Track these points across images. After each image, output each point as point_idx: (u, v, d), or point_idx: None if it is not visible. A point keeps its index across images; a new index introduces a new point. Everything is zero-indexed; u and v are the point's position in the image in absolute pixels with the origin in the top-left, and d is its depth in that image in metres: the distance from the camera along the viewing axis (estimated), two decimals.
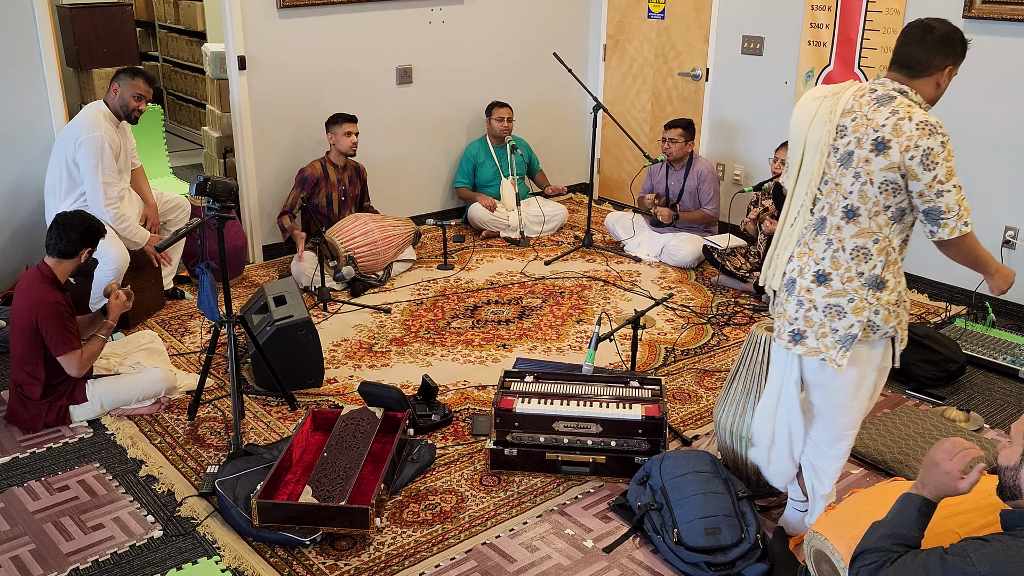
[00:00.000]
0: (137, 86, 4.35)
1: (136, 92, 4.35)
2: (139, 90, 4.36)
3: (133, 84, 4.34)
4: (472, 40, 6.12)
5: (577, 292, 5.10)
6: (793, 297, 2.69)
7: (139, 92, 4.36)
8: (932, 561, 1.97)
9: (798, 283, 2.68)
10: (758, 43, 5.68)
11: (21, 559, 2.90)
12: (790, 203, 2.74)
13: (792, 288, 2.70)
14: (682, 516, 2.89)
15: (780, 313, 2.75)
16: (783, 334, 2.73)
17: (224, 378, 4.05)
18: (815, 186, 2.66)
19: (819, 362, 2.67)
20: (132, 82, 4.34)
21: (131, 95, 4.35)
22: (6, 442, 3.57)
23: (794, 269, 2.70)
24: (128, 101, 4.36)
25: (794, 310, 2.68)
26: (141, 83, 4.37)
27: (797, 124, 2.69)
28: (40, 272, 3.55)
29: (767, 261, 2.84)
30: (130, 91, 4.34)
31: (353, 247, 5.01)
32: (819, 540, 2.50)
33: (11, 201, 4.74)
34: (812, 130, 2.64)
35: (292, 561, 2.89)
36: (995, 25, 4.60)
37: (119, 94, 4.34)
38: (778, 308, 2.77)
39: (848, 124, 2.58)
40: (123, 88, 4.34)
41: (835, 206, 2.61)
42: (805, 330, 2.67)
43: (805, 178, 2.68)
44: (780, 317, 2.75)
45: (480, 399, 3.91)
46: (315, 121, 5.46)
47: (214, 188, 3.31)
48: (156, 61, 8.90)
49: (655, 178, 5.77)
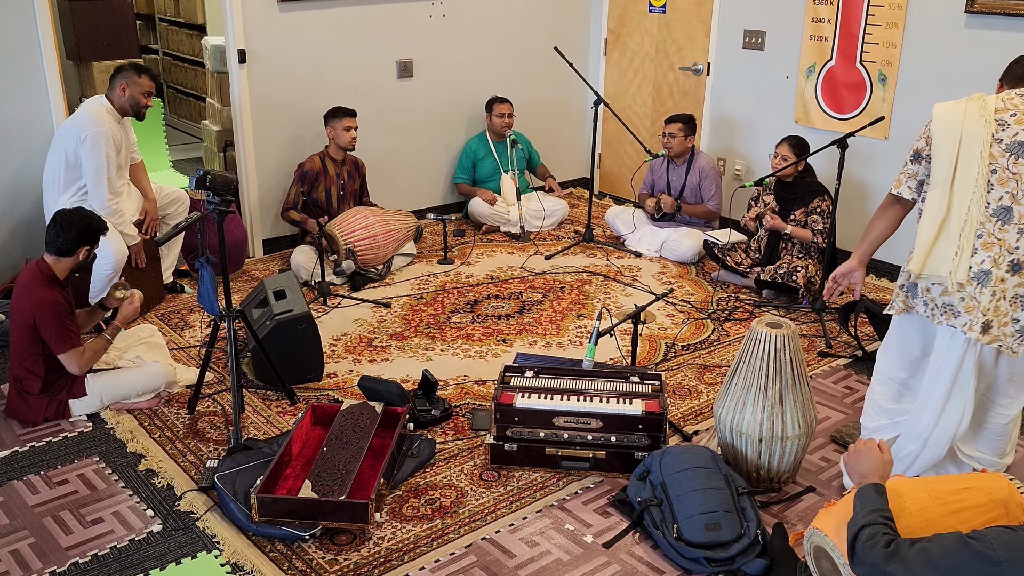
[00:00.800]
0: (145, 84, 4.38)
1: (145, 90, 4.39)
2: (147, 87, 4.39)
3: (140, 82, 4.36)
4: (473, 34, 6.11)
5: (577, 287, 5.10)
6: (987, 288, 2.74)
7: (147, 90, 4.40)
8: (950, 542, 1.98)
9: (993, 274, 2.74)
10: (759, 38, 5.67)
11: (20, 553, 2.90)
12: (950, 196, 2.76)
13: (987, 280, 2.74)
14: (682, 512, 2.89)
15: (971, 307, 2.78)
16: (975, 326, 2.77)
17: (224, 372, 4.04)
18: (984, 177, 2.74)
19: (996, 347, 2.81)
20: (139, 80, 4.36)
21: (140, 93, 4.37)
22: (6, 436, 3.57)
23: (983, 260, 2.75)
24: (138, 99, 4.39)
25: (987, 300, 2.74)
26: (147, 80, 4.39)
27: (948, 124, 2.79)
28: (39, 269, 3.54)
29: (926, 254, 2.82)
30: (139, 89, 4.37)
31: (353, 240, 5.01)
32: (819, 536, 2.50)
33: (10, 194, 4.73)
34: (967, 126, 2.77)
35: (292, 556, 2.89)
36: (997, 20, 4.59)
37: (128, 93, 4.35)
38: (966, 302, 2.79)
39: (1008, 119, 2.77)
40: (131, 87, 4.35)
41: (1018, 195, 2.71)
42: (991, 320, 2.75)
43: (969, 171, 2.75)
44: (972, 310, 2.78)
45: (480, 394, 3.91)
46: (315, 115, 5.45)
47: (214, 182, 3.30)
48: (156, 54, 8.89)
49: (656, 173, 5.76)
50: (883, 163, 5.23)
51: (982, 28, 4.67)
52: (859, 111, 5.25)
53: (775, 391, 3.07)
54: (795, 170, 4.88)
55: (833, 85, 5.34)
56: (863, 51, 5.17)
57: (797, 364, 3.09)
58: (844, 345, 4.41)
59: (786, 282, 4.74)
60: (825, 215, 4.77)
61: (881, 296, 5.02)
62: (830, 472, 3.37)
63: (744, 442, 3.15)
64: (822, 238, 4.77)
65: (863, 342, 4.36)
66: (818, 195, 4.83)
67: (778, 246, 4.99)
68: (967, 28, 4.72)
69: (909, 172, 2.94)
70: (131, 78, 4.34)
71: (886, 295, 5.05)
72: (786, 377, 3.07)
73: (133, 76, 4.34)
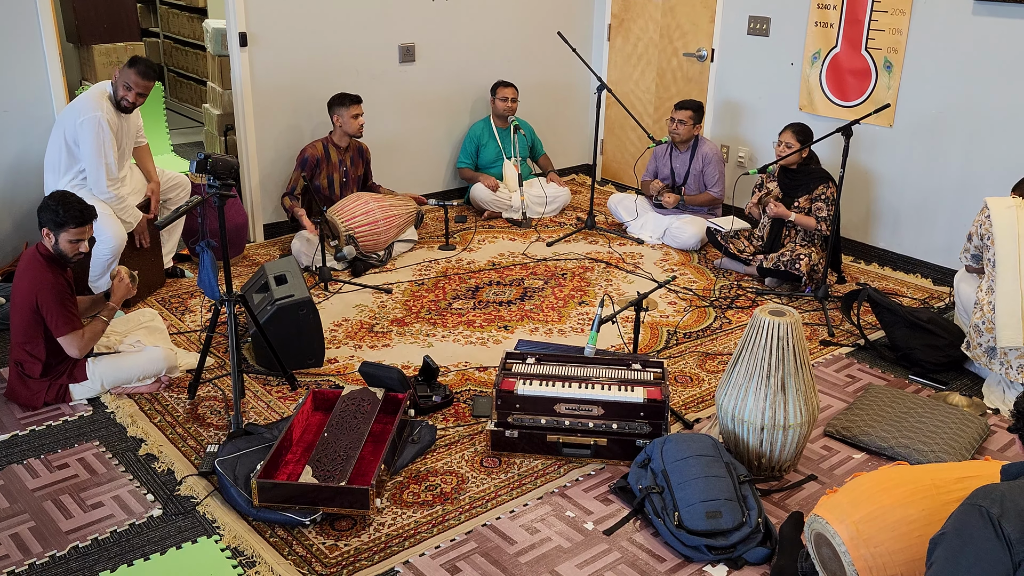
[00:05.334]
0: (132, 79, 4.26)
1: (125, 81, 4.27)
2: (128, 80, 4.27)
3: (128, 75, 4.25)
4: (476, 18, 6.07)
5: (579, 274, 5.08)
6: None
7: (128, 82, 4.27)
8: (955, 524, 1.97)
9: None
10: (764, 24, 5.63)
11: (20, 536, 2.90)
12: (1021, 282, 3.56)
13: None
14: (683, 499, 2.88)
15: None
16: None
17: (224, 357, 4.04)
18: None
19: None
20: (128, 71, 4.26)
21: (121, 83, 4.28)
22: (6, 419, 3.56)
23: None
24: (117, 89, 4.30)
25: None
26: (135, 77, 4.26)
27: (1006, 226, 3.62)
28: (39, 252, 3.53)
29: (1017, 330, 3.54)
30: (125, 79, 4.27)
31: (354, 226, 4.99)
32: (820, 523, 2.50)
33: (10, 177, 4.71)
34: (1021, 227, 3.60)
35: (292, 541, 2.88)
36: (1005, 7, 4.55)
37: (117, 81, 4.29)
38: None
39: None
40: (121, 76, 4.27)
41: None
42: None
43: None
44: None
45: (481, 380, 3.90)
46: (317, 99, 5.42)
47: (215, 166, 3.28)
48: (157, 37, 8.84)
49: (660, 160, 5.73)
50: (888, 151, 5.20)
51: (989, 15, 4.63)
52: (864, 98, 5.22)
53: (777, 379, 3.06)
54: (799, 157, 4.85)
55: (838, 72, 5.31)
56: (869, 38, 5.13)
57: (799, 352, 3.07)
58: (847, 333, 4.40)
59: (789, 270, 4.73)
60: (829, 202, 4.75)
61: (884, 285, 5.01)
62: (832, 460, 3.36)
63: (746, 430, 3.14)
64: (826, 225, 4.75)
65: (865, 330, 4.35)
66: (822, 182, 4.81)
67: (781, 234, 4.97)
68: (974, 15, 4.69)
69: (965, 246, 3.93)
70: (124, 70, 4.26)
71: (889, 284, 5.03)
72: (788, 365, 3.06)
73: (126, 68, 4.25)
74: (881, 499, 2.44)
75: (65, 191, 3.59)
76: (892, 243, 5.31)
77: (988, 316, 3.65)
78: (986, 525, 1.89)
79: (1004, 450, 3.44)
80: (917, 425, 3.45)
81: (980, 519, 1.90)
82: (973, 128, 4.81)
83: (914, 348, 4.00)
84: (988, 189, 4.76)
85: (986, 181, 4.79)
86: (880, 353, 4.17)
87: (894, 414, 3.55)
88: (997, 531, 1.86)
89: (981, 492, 1.96)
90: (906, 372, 4.03)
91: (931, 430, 3.40)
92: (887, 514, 2.40)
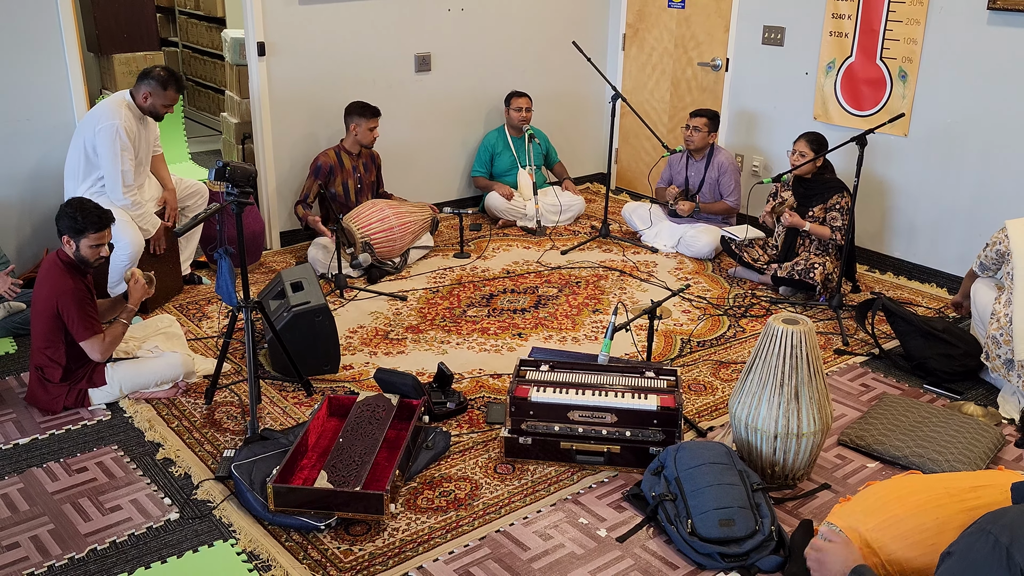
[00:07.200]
0: (169, 97, 4.41)
1: (167, 102, 4.42)
2: (171, 100, 4.43)
3: (165, 95, 4.39)
4: (491, 28, 6.11)
5: (593, 282, 5.10)
6: None
7: (170, 102, 4.43)
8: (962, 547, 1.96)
9: None
10: (779, 33, 5.64)
11: (40, 539, 2.93)
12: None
13: None
14: (696, 507, 2.89)
15: None
16: None
17: (241, 363, 4.07)
18: None
19: None
20: (164, 93, 4.38)
21: (162, 104, 4.41)
22: (26, 423, 3.61)
23: None
24: (158, 110, 4.43)
25: None
26: (172, 94, 4.41)
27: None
28: (59, 258, 3.58)
29: None
30: (162, 100, 4.40)
31: (369, 233, 5.02)
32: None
33: (32, 184, 4.77)
34: None
35: (307, 545, 2.91)
36: (1020, 17, 4.54)
37: (150, 102, 4.38)
38: None
39: None
40: (155, 98, 4.38)
41: None
42: None
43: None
44: None
45: (495, 387, 3.92)
46: (333, 108, 5.46)
47: (233, 174, 3.32)
48: (176, 47, 8.93)
49: (674, 168, 5.74)
50: (902, 160, 5.19)
51: (1004, 25, 4.62)
52: (879, 108, 5.22)
53: (791, 388, 3.06)
54: (813, 166, 4.85)
55: (853, 81, 5.31)
56: (884, 47, 5.13)
57: (813, 361, 3.08)
58: (861, 343, 4.39)
59: (803, 279, 4.72)
60: (844, 212, 4.75)
61: (898, 294, 4.99)
62: (845, 469, 3.36)
63: (759, 438, 3.14)
64: (840, 235, 4.74)
65: (880, 340, 4.34)
66: (837, 192, 4.81)
67: (795, 243, 4.96)
68: (989, 25, 4.68)
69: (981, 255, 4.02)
70: (157, 90, 4.35)
71: (903, 293, 5.02)
72: (802, 374, 3.06)
73: (159, 89, 4.35)
74: (894, 508, 2.44)
75: (81, 198, 3.65)
76: (907, 252, 5.29)
77: (1006, 327, 3.65)
78: (993, 552, 1.88)
79: (1020, 460, 3.42)
80: (932, 434, 3.45)
81: (988, 547, 1.89)
82: (988, 137, 4.80)
83: (929, 357, 3.99)
84: (1003, 198, 4.74)
85: (1001, 190, 4.78)
86: (895, 362, 4.16)
87: (908, 423, 3.54)
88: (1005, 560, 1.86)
89: (991, 517, 1.94)
90: (921, 381, 4.02)
91: (946, 440, 3.40)
92: (900, 523, 2.40)
